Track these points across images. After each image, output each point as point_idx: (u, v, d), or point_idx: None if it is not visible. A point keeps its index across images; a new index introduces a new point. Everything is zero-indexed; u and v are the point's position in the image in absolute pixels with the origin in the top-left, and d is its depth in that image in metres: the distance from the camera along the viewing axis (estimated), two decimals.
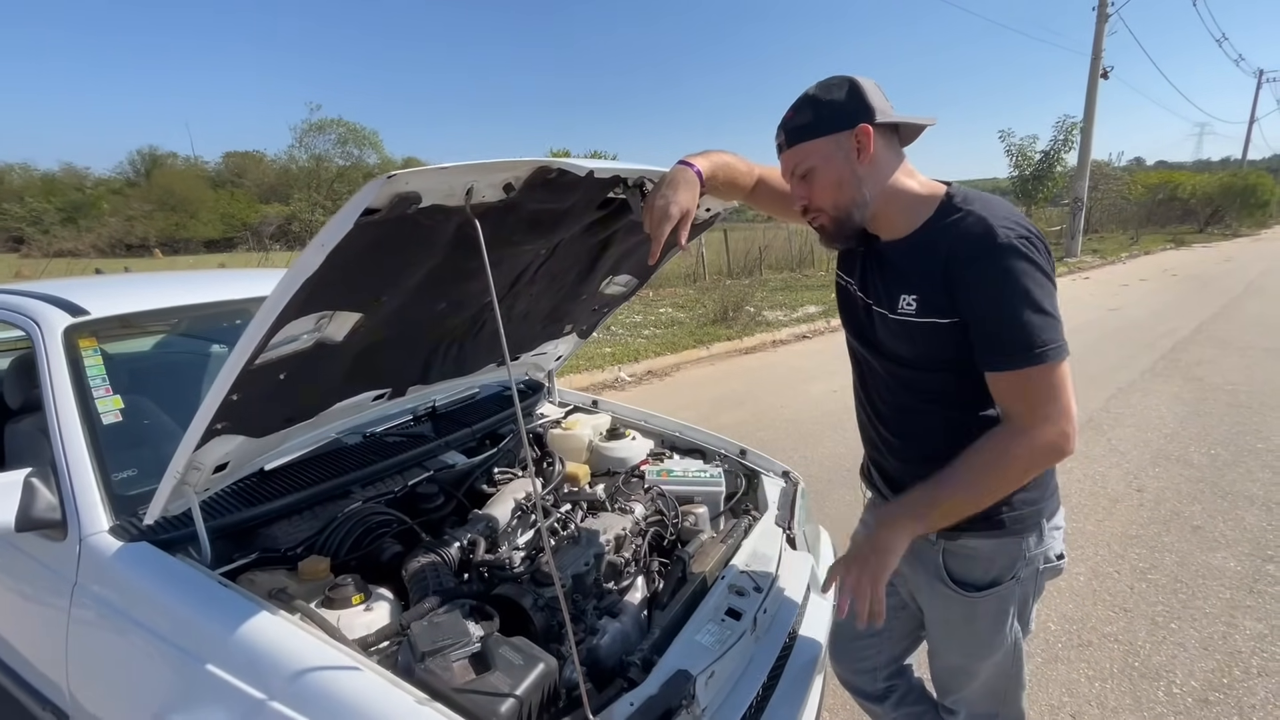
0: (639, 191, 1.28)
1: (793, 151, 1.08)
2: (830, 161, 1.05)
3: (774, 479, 1.94)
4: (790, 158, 1.09)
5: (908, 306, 1.05)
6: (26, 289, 1.81)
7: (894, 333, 1.10)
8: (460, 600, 1.22)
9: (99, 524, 1.27)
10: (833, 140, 1.04)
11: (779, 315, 9.22)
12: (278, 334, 1.00)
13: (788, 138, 1.08)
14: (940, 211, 1.05)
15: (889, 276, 1.09)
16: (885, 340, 1.14)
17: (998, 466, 0.99)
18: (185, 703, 1.05)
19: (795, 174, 1.10)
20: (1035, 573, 1.17)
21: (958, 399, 1.10)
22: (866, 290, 1.16)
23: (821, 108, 1.05)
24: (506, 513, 1.59)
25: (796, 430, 4.46)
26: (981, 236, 0.98)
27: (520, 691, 0.99)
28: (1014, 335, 0.95)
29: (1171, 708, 1.95)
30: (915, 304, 1.04)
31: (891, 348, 1.13)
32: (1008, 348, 0.96)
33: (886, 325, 1.11)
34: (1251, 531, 2.97)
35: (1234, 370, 5.69)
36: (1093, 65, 15.84)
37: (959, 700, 1.33)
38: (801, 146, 1.07)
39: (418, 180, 0.88)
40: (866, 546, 1.04)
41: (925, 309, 1.04)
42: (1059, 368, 0.95)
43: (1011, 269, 0.95)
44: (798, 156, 1.08)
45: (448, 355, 1.65)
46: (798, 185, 1.10)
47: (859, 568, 1.03)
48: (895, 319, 1.08)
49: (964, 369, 1.05)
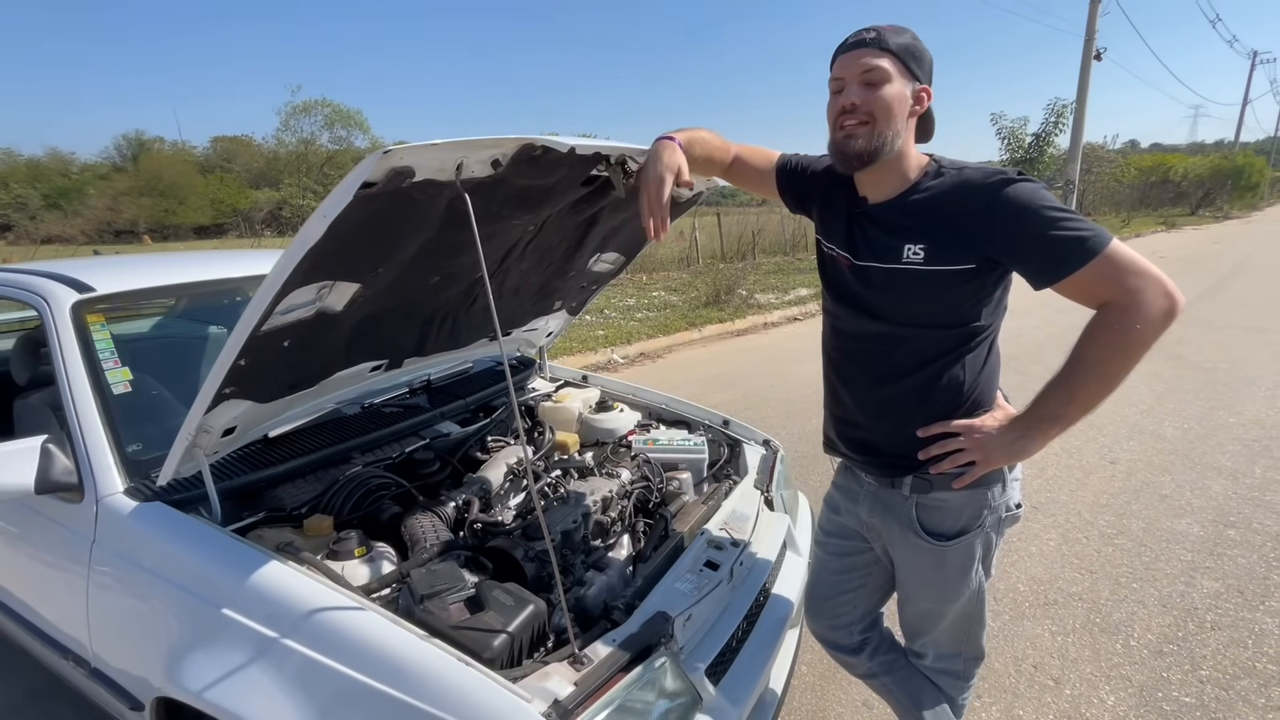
0: (621, 169, 1.34)
1: (880, 55, 1.08)
2: (898, 89, 1.09)
3: (755, 447, 2.03)
4: (872, 58, 1.08)
5: (914, 255, 1.11)
6: (33, 268, 1.86)
7: (891, 283, 1.16)
8: (456, 552, 1.31)
9: (114, 486, 1.35)
10: (907, 77, 1.11)
11: (771, 298, 9.30)
12: (282, 302, 1.08)
13: (882, 42, 1.08)
14: (930, 174, 1.14)
15: (889, 230, 1.15)
16: (876, 296, 1.19)
17: (1123, 347, 1.03)
18: (202, 643, 1.14)
19: (863, 77, 1.09)
20: (998, 520, 1.26)
21: (938, 352, 1.17)
22: (856, 250, 1.21)
23: (915, 48, 1.11)
24: (499, 476, 1.68)
25: (785, 408, 4.56)
26: (986, 182, 1.07)
27: (512, 628, 1.09)
28: (1062, 242, 1.02)
29: (1128, 658, 2.08)
30: (923, 253, 1.11)
31: (882, 303, 1.19)
32: (1063, 253, 1.02)
33: (885, 278, 1.16)
34: (1217, 499, 3.10)
35: (1214, 349, 5.81)
36: (1086, 46, 15.80)
37: (927, 643, 1.43)
38: (889, 58, 1.08)
39: (411, 155, 0.96)
40: (1000, 452, 1.13)
41: (933, 257, 1.10)
42: (1116, 245, 1.02)
43: (1025, 193, 1.04)
44: (881, 61, 1.08)
45: (442, 329, 1.73)
46: (859, 89, 1.09)
47: (985, 466, 1.15)
48: (899, 269, 1.14)
49: (951, 320, 1.15)
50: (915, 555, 1.31)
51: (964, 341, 1.17)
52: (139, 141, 36.79)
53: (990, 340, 1.21)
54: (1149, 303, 1.01)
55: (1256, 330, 6.53)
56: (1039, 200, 1.04)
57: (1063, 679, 2.00)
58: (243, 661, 1.08)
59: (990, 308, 1.16)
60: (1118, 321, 1.02)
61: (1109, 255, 1.01)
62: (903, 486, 1.26)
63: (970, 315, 1.15)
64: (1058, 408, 1.10)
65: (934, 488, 1.23)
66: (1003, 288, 1.16)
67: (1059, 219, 1.03)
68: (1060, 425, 1.11)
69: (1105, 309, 1.05)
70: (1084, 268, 1.02)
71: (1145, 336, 1.02)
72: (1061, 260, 1.03)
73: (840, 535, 1.47)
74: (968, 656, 1.44)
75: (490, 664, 1.01)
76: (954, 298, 1.13)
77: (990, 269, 1.11)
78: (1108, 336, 1.04)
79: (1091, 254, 1.01)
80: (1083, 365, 1.07)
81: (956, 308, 1.14)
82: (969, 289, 1.12)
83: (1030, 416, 1.13)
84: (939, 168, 1.15)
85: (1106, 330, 1.04)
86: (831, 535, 1.49)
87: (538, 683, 1.00)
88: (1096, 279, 1.02)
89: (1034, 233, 1.03)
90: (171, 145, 36.93)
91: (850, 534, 1.45)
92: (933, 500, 1.25)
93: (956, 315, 1.15)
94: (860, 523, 1.40)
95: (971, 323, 1.16)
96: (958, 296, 1.13)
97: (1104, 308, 1.05)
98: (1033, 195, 1.04)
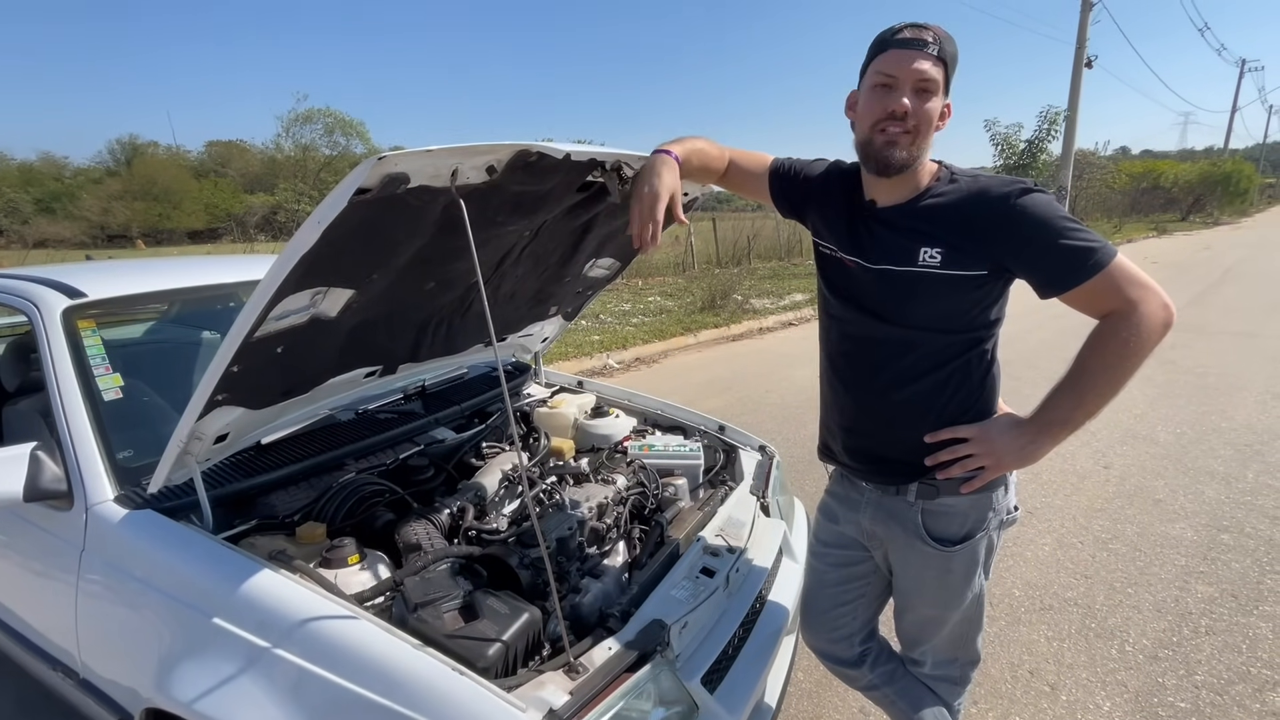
0: (616, 175, 1.34)
1: (936, 64, 1.08)
2: (940, 102, 1.11)
3: (751, 453, 2.03)
4: (929, 66, 1.07)
5: (931, 259, 1.12)
6: (24, 273, 1.85)
7: (906, 286, 1.15)
8: (450, 560, 1.30)
9: (104, 493, 1.34)
10: (945, 90, 1.12)
11: (766, 303, 9.33)
12: (275, 308, 1.07)
13: (940, 50, 1.08)
14: (943, 179, 1.16)
15: (903, 234, 1.15)
16: (889, 298, 1.19)
17: (1126, 354, 1.05)
18: (192, 653, 1.13)
19: (916, 83, 1.08)
20: (1000, 523, 1.27)
21: (946, 357, 1.18)
22: (866, 253, 1.20)
23: (955, 61, 1.12)
24: (494, 483, 1.67)
25: (781, 413, 4.56)
26: (1004, 190, 1.09)
27: (507, 637, 1.08)
28: (1072, 253, 1.05)
29: (1123, 663, 2.08)
30: (940, 257, 1.11)
31: (894, 306, 1.19)
32: (1073, 264, 1.05)
33: (900, 280, 1.16)
34: (1210, 504, 3.11)
35: (1205, 354, 5.85)
36: (1077, 54, 15.96)
37: (926, 650, 1.43)
38: (942, 68, 1.09)
39: (406, 161, 0.95)
40: (1011, 457, 1.15)
41: (950, 261, 1.11)
42: (1120, 258, 1.05)
43: (1041, 204, 1.06)
44: (935, 72, 1.08)
45: (437, 334, 1.72)
46: (912, 95, 1.08)
47: (996, 470, 1.18)
48: (914, 271, 1.14)
49: (959, 325, 1.16)
50: (921, 562, 1.30)
51: (971, 346, 1.18)
52: (133, 146, 36.68)
53: (993, 346, 1.22)
54: (1150, 313, 1.04)
55: (1247, 335, 6.58)
56: (1054, 212, 1.06)
57: (1059, 685, 2.00)
58: (233, 671, 1.07)
59: (994, 313, 1.18)
60: (1122, 329, 1.05)
61: (1115, 268, 1.04)
62: (908, 493, 1.26)
63: (978, 320, 1.17)
64: (1066, 412, 1.12)
65: (940, 493, 1.23)
66: (1006, 295, 1.18)
67: (1071, 230, 1.05)
68: (1068, 429, 1.14)
69: (1110, 318, 1.08)
70: (1092, 279, 1.04)
71: (1146, 345, 1.05)
72: (1072, 271, 1.05)
73: (839, 545, 1.46)
74: (965, 661, 1.43)
75: (485, 673, 1.00)
76: (965, 302, 1.15)
77: (999, 276, 1.12)
78: (1114, 344, 1.06)
79: (1100, 266, 1.04)
80: (1089, 371, 1.09)
81: (966, 312, 1.16)
82: (979, 294, 1.14)
83: (1039, 421, 1.15)
84: (951, 174, 1.16)
85: (1113, 338, 1.07)
86: (830, 546, 1.48)
87: (533, 692, 0.99)
88: (1103, 290, 1.05)
89: (1048, 243, 1.06)
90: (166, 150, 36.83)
91: (850, 543, 1.44)
92: (939, 506, 1.25)
93: (965, 320, 1.16)
94: (861, 531, 1.39)
95: (979, 328, 1.17)
96: (968, 301, 1.14)
97: (1108, 317, 1.08)
98: (1049, 206, 1.07)
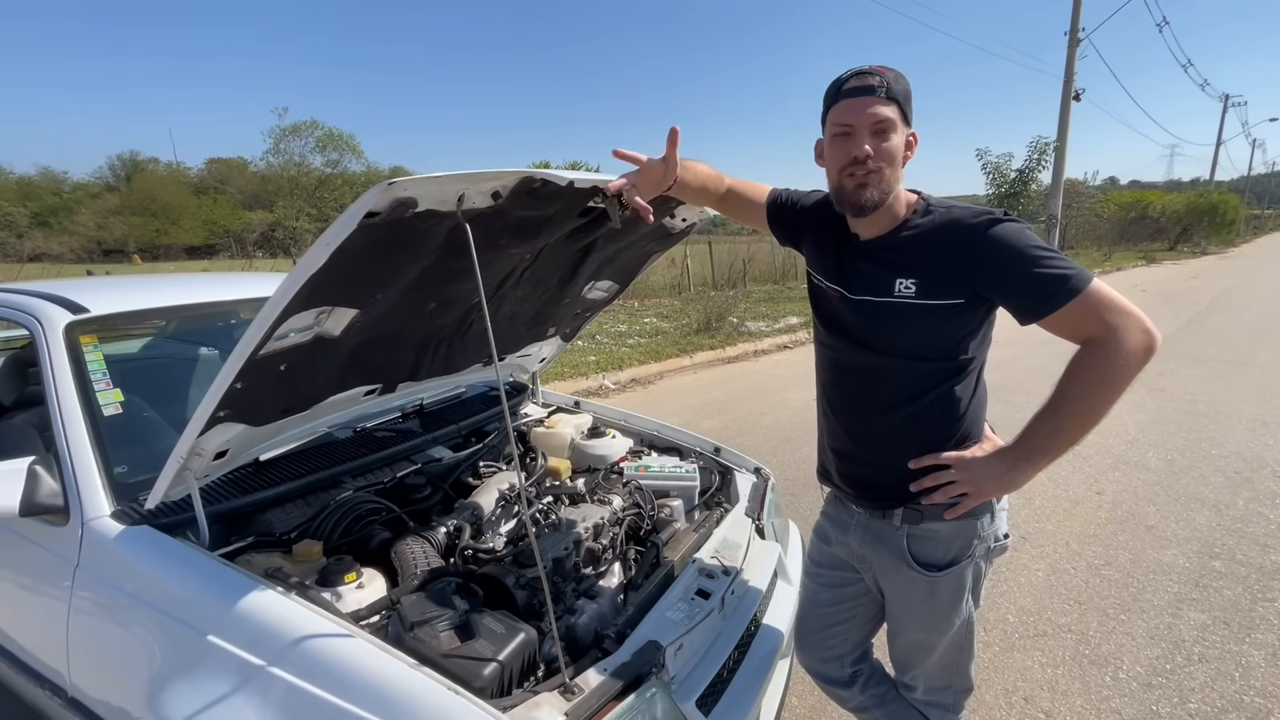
0: (617, 201, 1.37)
1: (887, 104, 1.10)
2: (900, 137, 1.14)
3: (746, 475, 2.04)
4: (881, 109, 1.10)
5: (905, 290, 1.15)
6: (26, 288, 1.86)
7: (884, 316, 1.19)
8: (446, 579, 1.30)
9: (101, 509, 1.34)
10: (905, 124, 1.15)
11: (761, 326, 9.39)
12: (281, 326, 1.09)
13: (889, 90, 1.10)
14: (919, 211, 1.19)
15: (881, 266, 1.19)
16: (870, 328, 1.22)
17: (1106, 381, 1.06)
18: (186, 672, 1.12)
19: (872, 126, 1.11)
20: (988, 550, 1.28)
21: (929, 384, 1.20)
22: (849, 284, 1.24)
23: (910, 94, 1.15)
24: (491, 502, 1.68)
25: (775, 435, 4.58)
26: (974, 221, 1.12)
27: (503, 657, 1.08)
28: (1045, 280, 1.06)
29: (1117, 691, 2.07)
30: (914, 287, 1.15)
31: (875, 335, 1.22)
32: (1046, 290, 1.06)
33: (877, 311, 1.20)
34: (1201, 531, 3.13)
35: (1194, 381, 5.92)
36: (1065, 88, 16.36)
37: (917, 675, 1.43)
38: (894, 106, 1.11)
39: (414, 187, 0.98)
40: (991, 484, 1.16)
41: (924, 292, 1.14)
42: (1097, 284, 1.07)
43: (1011, 233, 1.09)
44: (888, 112, 1.11)
45: (436, 354, 1.74)
46: (870, 138, 1.11)
47: (977, 498, 1.18)
48: (891, 302, 1.17)
49: (941, 353, 1.18)
50: (907, 586, 1.32)
51: (954, 374, 1.20)
52: (133, 161, 36.89)
53: (978, 372, 1.24)
54: (1129, 339, 1.05)
55: (1236, 364, 6.66)
56: (1024, 240, 1.08)
57: (1053, 712, 1.99)
58: (227, 690, 1.06)
59: (978, 340, 1.20)
60: (1101, 356, 1.06)
61: (1090, 293, 1.05)
62: (893, 517, 1.27)
63: (960, 348, 1.19)
64: (1046, 439, 1.13)
65: (925, 518, 1.24)
66: (989, 321, 1.20)
67: (1043, 257, 1.07)
68: (1049, 457, 1.14)
69: (1089, 344, 1.09)
70: (1067, 304, 1.06)
71: (1127, 371, 1.06)
72: (1047, 297, 1.07)
73: (831, 566, 1.47)
74: (957, 689, 1.43)
75: (480, 693, 1.00)
76: (944, 331, 1.17)
77: (978, 304, 1.14)
78: (1093, 371, 1.07)
79: (1074, 292, 1.05)
80: (1069, 398, 1.10)
81: (946, 340, 1.18)
82: (958, 323, 1.16)
83: (1020, 448, 1.16)
84: (928, 205, 1.19)
85: (1092, 365, 1.07)
86: (822, 566, 1.49)
87: (528, 713, 0.99)
88: (1079, 315, 1.06)
89: (1020, 270, 1.07)
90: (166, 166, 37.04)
91: (841, 564, 1.45)
92: (924, 531, 1.26)
93: (946, 348, 1.18)
94: (851, 553, 1.41)
95: (960, 355, 1.19)
96: (948, 330, 1.16)
97: (1087, 343, 1.09)
98: (1019, 235, 1.09)
